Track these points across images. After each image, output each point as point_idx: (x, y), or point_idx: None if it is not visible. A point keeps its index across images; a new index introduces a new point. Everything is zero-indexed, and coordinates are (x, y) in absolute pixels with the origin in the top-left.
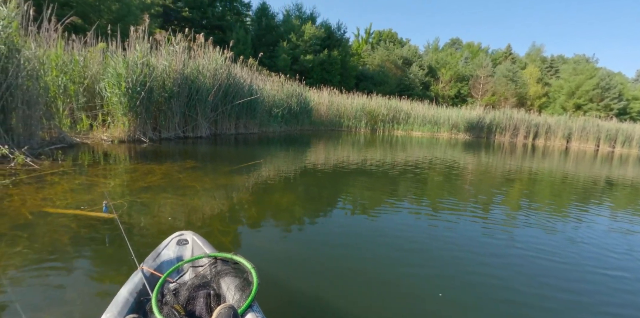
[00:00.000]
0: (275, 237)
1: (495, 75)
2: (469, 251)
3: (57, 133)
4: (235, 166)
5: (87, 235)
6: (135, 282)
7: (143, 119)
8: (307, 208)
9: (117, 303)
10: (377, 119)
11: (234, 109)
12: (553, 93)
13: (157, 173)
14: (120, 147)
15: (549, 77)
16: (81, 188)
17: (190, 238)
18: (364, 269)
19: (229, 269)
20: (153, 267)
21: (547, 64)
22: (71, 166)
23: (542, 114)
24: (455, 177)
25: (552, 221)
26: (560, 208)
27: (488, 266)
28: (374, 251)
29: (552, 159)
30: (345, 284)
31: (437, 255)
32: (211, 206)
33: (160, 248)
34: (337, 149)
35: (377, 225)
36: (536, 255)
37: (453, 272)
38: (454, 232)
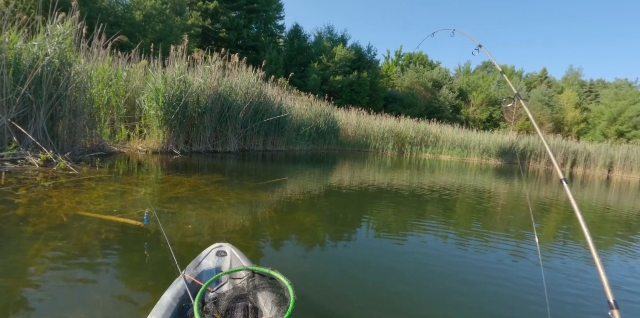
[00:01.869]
0: (296, 256)
1: (529, 100)
2: (496, 280)
3: (97, 141)
4: (260, 182)
5: (116, 239)
6: (177, 288)
7: (176, 132)
8: (330, 228)
9: (162, 307)
10: (404, 141)
11: (262, 126)
12: (593, 119)
13: (185, 185)
14: (154, 158)
15: (587, 102)
16: (114, 194)
17: (228, 250)
18: (391, 292)
19: (265, 284)
20: (194, 275)
21: (586, 89)
22: (107, 173)
23: (581, 140)
24: (485, 204)
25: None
26: (600, 243)
27: (512, 297)
28: (402, 274)
29: (592, 189)
30: (372, 307)
31: (467, 281)
32: (234, 220)
33: (201, 258)
34: (363, 170)
35: (403, 249)
36: (572, 292)
37: (483, 299)
38: (482, 257)
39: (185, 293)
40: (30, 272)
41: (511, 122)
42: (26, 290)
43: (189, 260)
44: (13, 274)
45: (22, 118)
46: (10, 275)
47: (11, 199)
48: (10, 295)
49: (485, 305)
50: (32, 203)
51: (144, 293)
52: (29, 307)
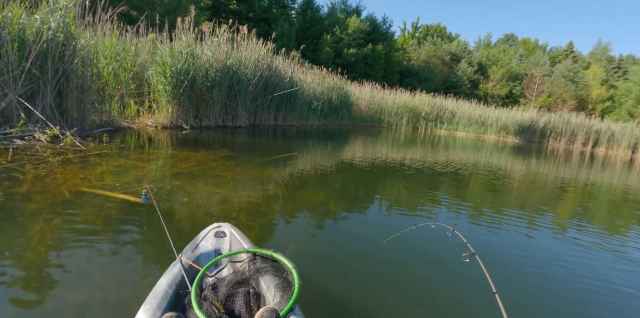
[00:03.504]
0: (304, 234)
1: (552, 75)
2: (509, 256)
3: (106, 117)
4: (269, 157)
5: (117, 217)
6: (174, 273)
7: (185, 106)
8: (340, 206)
9: (157, 295)
10: (419, 116)
11: (273, 100)
12: (619, 97)
13: (192, 161)
14: (163, 133)
15: (615, 79)
16: (119, 170)
17: (228, 230)
18: (403, 272)
19: (268, 267)
20: (191, 258)
21: (614, 65)
22: (114, 149)
23: (605, 119)
24: (500, 184)
25: (606, 241)
26: (614, 229)
27: (524, 273)
28: (417, 256)
29: (613, 170)
30: (383, 287)
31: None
32: (239, 198)
33: (198, 240)
34: (376, 146)
35: (416, 229)
36: (580, 276)
37: (494, 277)
38: (495, 237)
39: (182, 279)
40: (28, 250)
41: (532, 99)
42: (23, 268)
43: (188, 241)
44: (11, 251)
45: (30, 94)
46: (8, 252)
47: (17, 176)
48: (7, 272)
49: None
50: (36, 180)
51: (143, 274)
52: (26, 284)
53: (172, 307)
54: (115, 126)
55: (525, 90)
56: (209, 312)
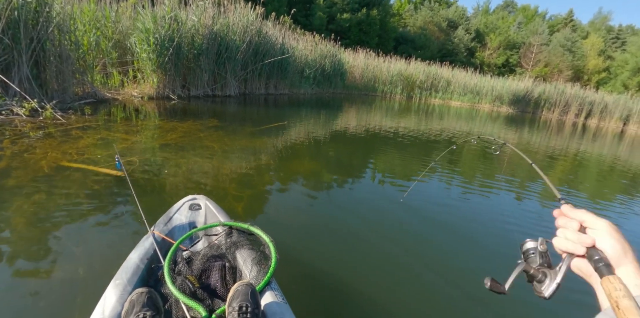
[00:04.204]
0: (293, 206)
1: (550, 44)
2: (497, 224)
3: (89, 88)
4: (259, 127)
5: (100, 191)
6: (146, 247)
7: (172, 75)
8: (330, 176)
9: (127, 269)
10: (414, 85)
11: (264, 68)
12: (615, 68)
13: (179, 132)
14: (149, 104)
15: (612, 50)
16: (102, 143)
17: (203, 203)
18: (387, 244)
19: (244, 241)
20: (164, 232)
21: (613, 35)
22: (97, 121)
23: (600, 90)
24: (491, 155)
25: (592, 207)
26: (600, 196)
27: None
28: (400, 225)
29: (604, 142)
30: (367, 261)
31: (468, 229)
32: (227, 169)
33: (172, 213)
34: (370, 115)
35: (405, 198)
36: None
37: (483, 245)
38: (485, 206)
39: (154, 253)
40: (3, 224)
41: (528, 68)
42: (1, 241)
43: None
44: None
45: (5, 66)
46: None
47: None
48: None
49: (479, 246)
50: (15, 155)
51: (116, 249)
52: (1, 258)
53: (144, 281)
54: (98, 98)
55: (522, 59)
56: (183, 286)
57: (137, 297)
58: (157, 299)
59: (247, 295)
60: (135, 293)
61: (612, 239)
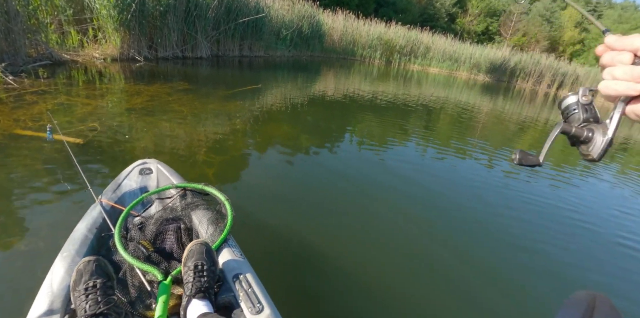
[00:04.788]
0: (267, 171)
1: (530, 14)
2: (467, 189)
3: (43, 49)
4: (232, 90)
5: (54, 161)
6: (93, 216)
7: (137, 35)
8: (307, 141)
9: (74, 240)
10: (393, 50)
11: (237, 28)
12: (590, 41)
13: (145, 95)
14: (113, 66)
15: (589, 23)
16: (60, 109)
17: (154, 167)
18: (355, 208)
19: (200, 201)
20: (113, 199)
21: (591, 7)
22: (54, 85)
23: (573, 62)
24: (467, 121)
25: (562, 176)
26: (565, 161)
27: (478, 202)
28: (368, 189)
29: None
30: (333, 224)
31: (437, 194)
32: (198, 133)
33: (121, 179)
34: (348, 80)
35: (377, 162)
36: (528, 198)
37: (451, 210)
38: (456, 172)
39: (103, 222)
40: None
41: (507, 37)
42: None
43: None
44: None
45: None
46: None
47: None
48: None
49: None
50: None
51: (65, 222)
52: None
53: (94, 251)
54: (55, 59)
55: (502, 27)
56: (136, 251)
57: (85, 266)
58: (107, 266)
59: (202, 253)
60: (82, 263)
61: None
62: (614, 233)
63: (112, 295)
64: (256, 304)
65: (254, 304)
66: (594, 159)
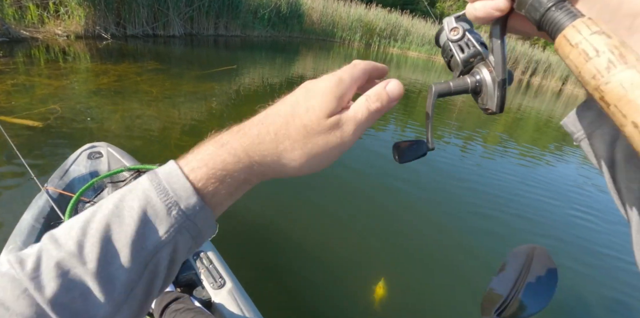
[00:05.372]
0: None
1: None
2: (432, 182)
3: (0, 25)
4: (205, 71)
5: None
6: (40, 205)
7: (102, 10)
8: None
9: (21, 231)
10: (373, 32)
11: (212, 5)
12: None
13: (112, 75)
14: (77, 44)
15: None
16: (17, 90)
17: (104, 150)
18: (309, 184)
19: None
20: (61, 186)
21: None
22: (9, 64)
23: (546, 50)
24: (441, 108)
25: (527, 162)
26: (536, 155)
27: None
28: (335, 173)
29: (543, 99)
30: (289, 198)
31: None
32: (169, 116)
33: (68, 165)
34: (328, 61)
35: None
36: (496, 184)
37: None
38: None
39: (51, 210)
40: None
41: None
42: None
43: None
44: None
45: None
46: None
47: None
48: None
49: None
50: None
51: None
52: None
53: None
54: (12, 37)
55: None
56: None
57: None
58: None
59: None
60: None
61: None
62: (567, 205)
63: None
64: (217, 279)
65: (215, 279)
66: (493, 112)
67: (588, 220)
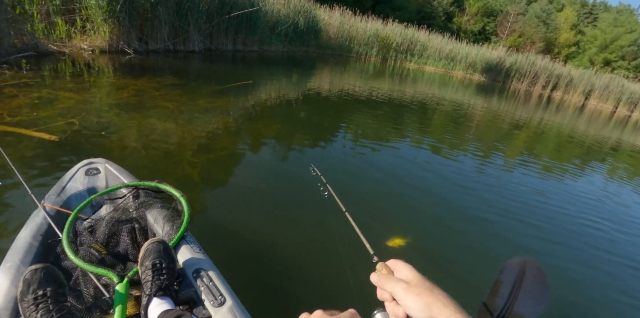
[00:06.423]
0: (255, 173)
1: (526, 15)
2: (450, 191)
3: (29, 39)
4: (222, 86)
5: (29, 156)
6: (37, 223)
7: (127, 26)
8: (297, 141)
9: (18, 249)
10: (389, 47)
11: (231, 21)
12: (584, 43)
13: (131, 89)
14: (101, 58)
15: (584, 25)
16: (40, 103)
17: (102, 167)
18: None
19: (154, 200)
20: (58, 203)
21: (587, 10)
22: (35, 77)
23: (568, 64)
24: (461, 120)
25: (546, 176)
26: (556, 165)
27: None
28: (352, 189)
29: (565, 114)
30: (298, 218)
31: (426, 190)
32: (183, 131)
33: (65, 181)
34: (344, 77)
35: (369, 164)
36: (513, 195)
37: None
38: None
39: (49, 228)
40: None
41: (503, 37)
42: None
43: None
44: None
45: None
46: None
47: None
48: None
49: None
50: None
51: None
52: None
53: (41, 259)
54: (40, 50)
55: (498, 28)
56: (88, 256)
57: (32, 275)
58: (56, 273)
59: (159, 251)
60: (28, 272)
61: (414, 303)
62: (588, 219)
63: (64, 302)
64: (218, 297)
65: (215, 297)
66: None
67: (607, 234)
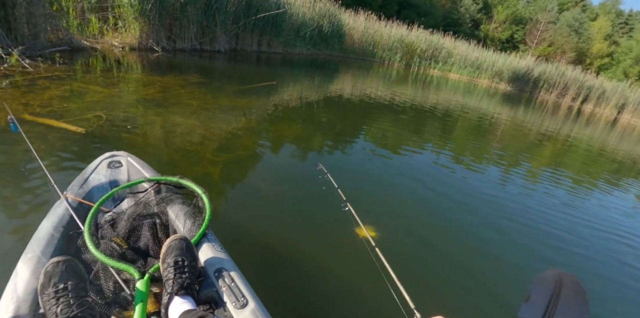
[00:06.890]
0: (274, 173)
1: (557, 23)
2: (475, 199)
3: (64, 35)
4: (246, 86)
5: (58, 147)
6: (59, 214)
7: (156, 25)
8: (317, 143)
9: (39, 240)
10: (414, 53)
11: (257, 23)
12: (619, 55)
13: (157, 86)
14: (131, 55)
15: (619, 35)
16: (70, 96)
17: (124, 160)
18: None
19: (175, 195)
20: (80, 195)
21: (622, 20)
22: (68, 71)
23: (600, 76)
24: (486, 128)
25: (575, 188)
26: (586, 178)
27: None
28: (375, 195)
29: (595, 128)
30: (319, 219)
31: (447, 202)
32: (205, 129)
33: (87, 173)
34: (366, 81)
35: (388, 168)
36: (540, 206)
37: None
38: (468, 180)
39: (70, 219)
40: None
41: (532, 46)
42: None
43: None
44: None
45: None
46: None
47: None
48: None
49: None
50: None
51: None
52: None
53: (63, 251)
54: (74, 46)
55: (527, 36)
56: (109, 250)
57: (54, 268)
58: (78, 267)
59: (182, 249)
60: (50, 264)
61: None
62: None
63: (85, 297)
64: (240, 298)
65: (237, 298)
66: None
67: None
